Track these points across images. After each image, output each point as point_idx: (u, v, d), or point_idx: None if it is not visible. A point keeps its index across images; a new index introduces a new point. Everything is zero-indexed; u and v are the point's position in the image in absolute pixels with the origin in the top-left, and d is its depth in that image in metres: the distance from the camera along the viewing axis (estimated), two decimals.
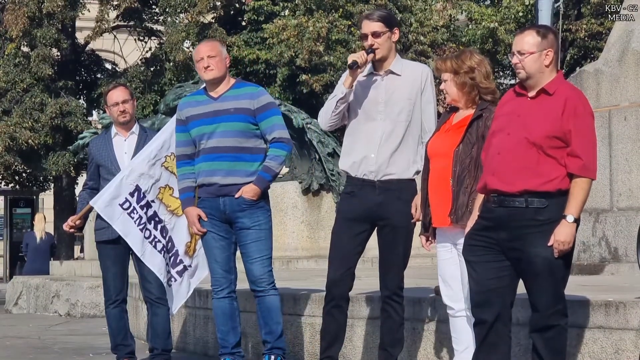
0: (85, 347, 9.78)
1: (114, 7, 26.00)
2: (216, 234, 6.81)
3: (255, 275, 6.74)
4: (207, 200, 6.80)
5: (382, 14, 6.38)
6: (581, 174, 5.15)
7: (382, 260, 6.36)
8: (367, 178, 6.28)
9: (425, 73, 6.38)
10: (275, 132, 6.73)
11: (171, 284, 7.59)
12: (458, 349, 5.96)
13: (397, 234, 6.30)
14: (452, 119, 5.94)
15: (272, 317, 6.75)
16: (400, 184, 6.28)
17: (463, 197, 5.68)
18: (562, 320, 5.23)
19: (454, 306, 5.91)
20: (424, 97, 6.34)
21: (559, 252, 5.12)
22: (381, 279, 6.37)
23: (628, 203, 9.23)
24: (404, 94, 6.29)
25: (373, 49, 6.24)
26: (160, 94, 24.31)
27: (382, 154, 6.25)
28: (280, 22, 24.06)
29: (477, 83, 5.82)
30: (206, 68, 6.75)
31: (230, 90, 6.80)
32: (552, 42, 5.27)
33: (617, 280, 8.26)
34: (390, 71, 6.33)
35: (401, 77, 6.32)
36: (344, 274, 6.31)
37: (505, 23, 24.21)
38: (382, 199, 6.26)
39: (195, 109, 6.84)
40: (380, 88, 6.31)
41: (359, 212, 6.29)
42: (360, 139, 6.31)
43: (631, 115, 9.29)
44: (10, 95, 24.78)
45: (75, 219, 7.76)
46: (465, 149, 5.71)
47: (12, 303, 16.11)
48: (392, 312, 6.33)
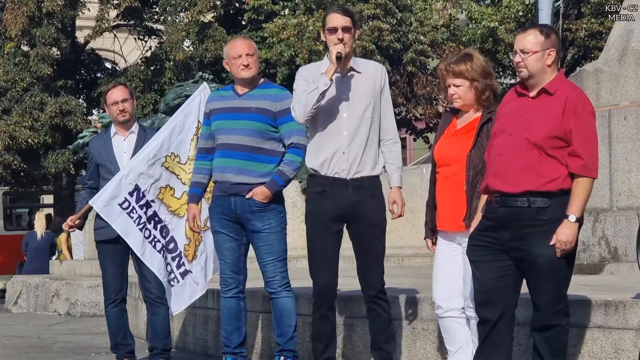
0: (85, 346, 9.77)
1: (114, 6, 25.99)
2: (226, 235, 6.80)
3: (267, 277, 6.74)
4: (220, 198, 6.78)
5: (350, 11, 6.41)
6: (582, 173, 5.14)
7: (362, 260, 6.31)
8: (338, 176, 6.25)
9: (384, 72, 6.42)
10: (293, 137, 6.68)
11: (174, 284, 7.58)
12: (451, 349, 5.96)
13: (374, 232, 6.28)
14: (455, 122, 5.90)
15: (283, 320, 6.73)
16: (370, 181, 6.28)
17: (477, 201, 5.65)
18: (563, 320, 5.22)
19: (442, 305, 5.90)
20: (383, 95, 6.36)
21: (561, 252, 5.13)
22: (363, 278, 6.32)
23: (628, 202, 9.22)
24: (367, 92, 6.30)
25: (343, 43, 6.23)
26: (160, 93, 24.31)
27: (352, 151, 6.24)
28: (280, 22, 24.08)
29: (494, 87, 5.81)
30: (245, 66, 6.71)
31: (256, 89, 6.76)
32: (555, 41, 5.26)
33: (616, 280, 8.25)
34: (351, 68, 6.33)
35: (362, 74, 6.33)
36: (332, 276, 6.30)
37: (505, 22, 24.22)
38: (356, 197, 6.24)
39: (219, 102, 6.84)
40: (344, 85, 6.29)
41: (335, 211, 6.25)
42: (328, 137, 6.27)
43: (631, 115, 9.28)
44: (10, 94, 24.77)
45: (75, 219, 7.76)
46: (477, 154, 5.67)
47: (11, 302, 16.11)
48: (380, 310, 6.32)
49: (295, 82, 6.42)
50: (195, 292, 7.68)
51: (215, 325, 8.40)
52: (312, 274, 6.36)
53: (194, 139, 7.58)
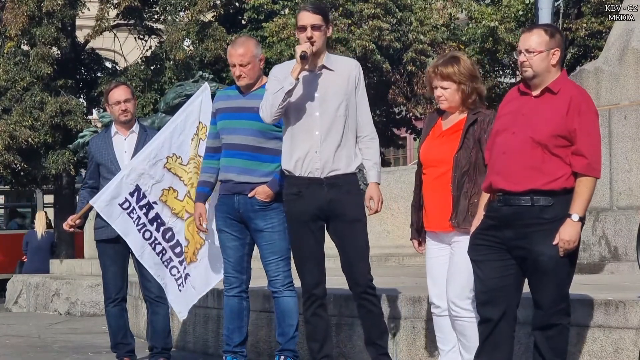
0: (85, 345, 9.77)
1: (114, 5, 25.97)
2: (230, 234, 6.81)
3: (270, 276, 6.75)
4: (224, 197, 6.79)
5: (321, 7, 6.39)
6: (586, 172, 5.15)
7: (346, 258, 6.30)
8: (312, 176, 6.24)
9: (358, 68, 6.39)
10: None
11: (181, 289, 7.55)
12: (444, 348, 5.97)
13: (354, 228, 6.26)
14: (440, 123, 5.94)
15: (285, 319, 6.74)
16: (346, 179, 6.27)
17: (464, 202, 5.69)
18: (564, 319, 5.23)
19: (440, 304, 5.91)
20: (358, 92, 6.34)
21: (564, 251, 5.13)
22: (349, 276, 6.32)
23: (628, 202, 9.22)
24: (339, 89, 6.27)
25: (311, 42, 6.21)
26: (161, 92, 24.28)
27: (325, 150, 6.22)
28: (280, 21, 24.07)
29: (478, 89, 5.83)
30: (238, 77, 6.73)
31: (260, 89, 6.73)
32: (559, 41, 5.27)
33: (617, 279, 8.25)
34: (323, 66, 6.31)
35: (334, 72, 6.31)
36: (318, 274, 6.32)
37: (505, 22, 24.19)
38: (332, 196, 6.23)
39: (224, 102, 6.85)
40: (315, 84, 6.27)
41: (311, 211, 6.25)
42: (300, 137, 6.26)
43: (631, 114, 9.29)
44: (10, 93, 24.74)
45: (75, 218, 7.76)
46: (464, 154, 5.73)
47: (12, 302, 16.12)
48: (370, 306, 6.31)
49: (267, 81, 6.42)
50: (192, 296, 7.62)
51: (216, 324, 8.40)
52: (298, 274, 6.37)
53: (194, 139, 7.57)
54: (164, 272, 7.52)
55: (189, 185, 7.48)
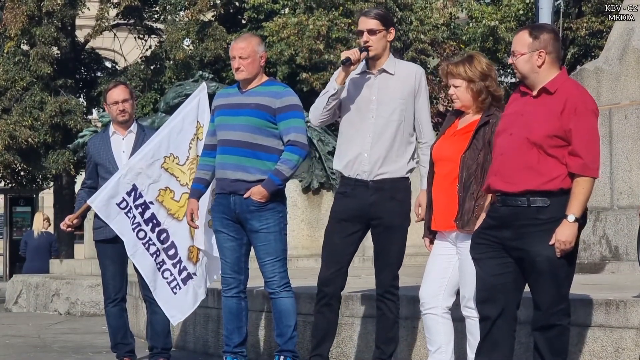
0: (85, 345, 9.76)
1: (114, 5, 25.99)
2: (227, 234, 6.80)
3: (266, 277, 6.74)
4: (220, 197, 6.79)
5: (379, 12, 6.38)
6: (582, 173, 5.13)
7: (377, 260, 6.38)
8: (360, 178, 6.29)
9: (420, 74, 6.38)
10: (291, 134, 6.62)
11: (176, 292, 7.52)
12: (431, 349, 5.97)
13: (391, 234, 6.30)
14: (457, 123, 5.93)
15: (282, 320, 6.73)
16: (393, 183, 6.29)
17: (469, 202, 5.67)
18: (564, 319, 5.21)
19: (425, 301, 5.91)
20: (419, 98, 6.35)
21: (560, 252, 5.11)
22: (376, 277, 6.39)
23: (628, 201, 9.22)
24: (396, 94, 6.29)
25: (367, 46, 6.23)
26: (160, 92, 24.30)
27: (374, 153, 6.26)
28: (281, 20, 24.06)
29: (491, 90, 5.81)
30: (237, 70, 6.72)
31: (258, 87, 6.73)
32: (546, 42, 5.21)
33: (617, 279, 8.25)
34: (383, 70, 6.33)
35: (394, 76, 6.32)
36: (335, 273, 6.32)
37: (505, 21, 24.20)
38: (375, 199, 6.26)
39: (223, 99, 6.86)
40: (373, 87, 6.30)
41: (352, 212, 6.29)
42: (353, 139, 6.31)
43: (632, 114, 9.29)
44: (9, 93, 24.77)
45: (73, 218, 7.74)
46: (472, 155, 5.70)
47: (12, 302, 16.10)
48: (385, 310, 6.35)
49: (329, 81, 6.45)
50: (197, 296, 7.60)
51: (216, 324, 8.40)
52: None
53: (194, 139, 7.55)
54: (156, 275, 7.45)
55: (186, 186, 7.45)
